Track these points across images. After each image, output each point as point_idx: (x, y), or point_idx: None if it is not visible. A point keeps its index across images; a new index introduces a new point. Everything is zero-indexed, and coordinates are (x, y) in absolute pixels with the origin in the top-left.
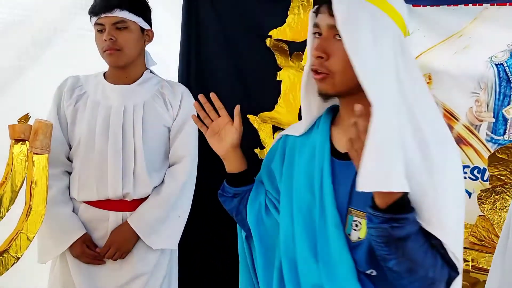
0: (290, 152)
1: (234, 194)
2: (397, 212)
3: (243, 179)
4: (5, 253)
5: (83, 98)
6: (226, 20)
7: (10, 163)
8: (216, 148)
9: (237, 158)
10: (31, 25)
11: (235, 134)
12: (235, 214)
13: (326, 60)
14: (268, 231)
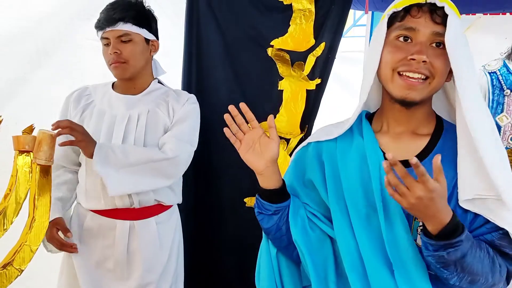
0: (330, 159)
1: (274, 211)
2: (450, 237)
3: (283, 194)
4: (9, 265)
5: (90, 107)
6: (228, 30)
7: (15, 174)
8: (253, 164)
9: (276, 172)
10: (36, 35)
11: (275, 146)
12: (274, 232)
13: (427, 64)
14: (314, 246)
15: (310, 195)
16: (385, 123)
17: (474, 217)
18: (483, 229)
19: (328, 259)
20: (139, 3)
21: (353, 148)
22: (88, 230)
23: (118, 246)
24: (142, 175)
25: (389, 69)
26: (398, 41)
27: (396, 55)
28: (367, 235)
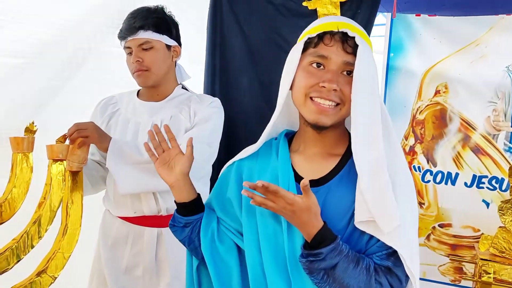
0: (249, 177)
1: (185, 224)
2: (313, 248)
3: (194, 207)
4: (43, 273)
5: (116, 115)
6: (251, 36)
7: (49, 182)
8: (165, 176)
9: (187, 186)
10: (66, 44)
11: (186, 162)
12: (187, 243)
13: (337, 92)
14: (222, 258)
15: (228, 212)
16: (302, 143)
17: (370, 237)
18: (375, 248)
19: (233, 270)
20: (159, 10)
21: (270, 167)
22: (117, 237)
23: (146, 254)
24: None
25: (302, 94)
26: (312, 67)
27: (309, 80)
28: (271, 251)
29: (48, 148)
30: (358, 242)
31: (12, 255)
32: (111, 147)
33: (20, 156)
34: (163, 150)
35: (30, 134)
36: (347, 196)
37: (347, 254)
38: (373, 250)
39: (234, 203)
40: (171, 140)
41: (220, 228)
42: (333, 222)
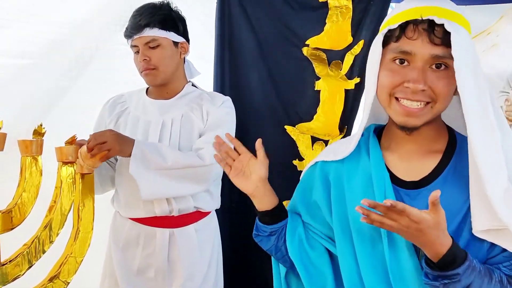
0: (337, 181)
1: (270, 232)
2: (446, 269)
3: (277, 215)
4: (55, 279)
5: (125, 114)
6: (260, 30)
7: (59, 185)
8: (243, 187)
9: (267, 193)
10: (73, 44)
11: (262, 167)
12: (274, 252)
13: (424, 90)
14: (314, 264)
15: (315, 216)
16: (393, 141)
17: (491, 245)
18: (500, 258)
19: (327, 277)
20: (165, 6)
21: (360, 168)
22: (128, 238)
23: (158, 255)
24: (177, 179)
25: (386, 94)
26: (394, 64)
27: (392, 79)
28: (369, 259)
29: (57, 150)
30: (479, 251)
31: (24, 261)
32: (135, 151)
33: (29, 160)
34: (233, 159)
35: (38, 137)
36: (455, 199)
37: (479, 270)
38: (499, 259)
39: (322, 206)
40: (238, 147)
41: (308, 233)
42: None
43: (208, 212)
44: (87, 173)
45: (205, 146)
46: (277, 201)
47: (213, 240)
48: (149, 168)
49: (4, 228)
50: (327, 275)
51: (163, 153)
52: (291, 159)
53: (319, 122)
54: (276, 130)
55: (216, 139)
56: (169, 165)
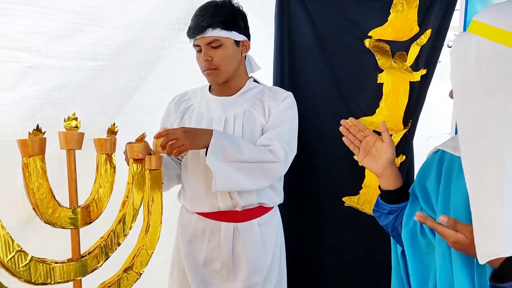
0: (447, 172)
1: (389, 211)
2: (498, 280)
3: (399, 195)
4: (129, 270)
5: (189, 111)
6: (320, 22)
7: (130, 181)
8: (372, 167)
9: (394, 174)
10: (141, 45)
11: (389, 149)
12: (390, 230)
13: None
14: (423, 251)
15: (427, 201)
16: None
17: None
18: None
19: (432, 267)
20: (227, 4)
21: None
22: (194, 232)
23: (223, 248)
24: (248, 173)
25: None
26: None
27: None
28: (462, 257)
29: (128, 147)
30: None
31: (101, 253)
32: (213, 142)
33: (104, 157)
34: (360, 141)
35: (112, 135)
36: None
37: None
38: None
39: (432, 194)
40: (364, 130)
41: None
42: None
43: (271, 207)
44: (155, 169)
45: (273, 143)
46: (401, 182)
47: (276, 234)
48: (225, 160)
49: (83, 222)
50: (432, 264)
51: (240, 146)
52: (352, 154)
53: (381, 116)
54: (337, 124)
55: (343, 123)
56: (245, 158)
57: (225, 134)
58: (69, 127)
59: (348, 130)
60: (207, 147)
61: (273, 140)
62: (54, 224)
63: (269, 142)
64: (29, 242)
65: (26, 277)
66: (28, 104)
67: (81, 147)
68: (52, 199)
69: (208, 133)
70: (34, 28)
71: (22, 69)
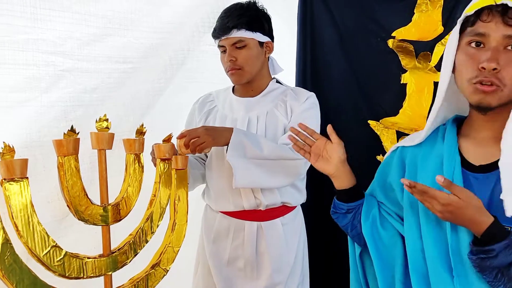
0: (411, 164)
1: (347, 210)
2: (483, 244)
3: (355, 194)
4: (156, 266)
5: (214, 112)
6: (343, 23)
7: (158, 181)
8: (325, 168)
9: (346, 173)
10: (167, 47)
11: (339, 148)
12: (349, 229)
13: (498, 72)
14: (385, 244)
15: (389, 196)
16: (471, 127)
17: None
18: None
19: (397, 258)
20: (252, 6)
21: (434, 152)
22: (219, 230)
23: (247, 247)
24: (269, 170)
25: (462, 77)
26: (470, 47)
27: (468, 67)
28: (433, 238)
29: (155, 148)
30: None
31: (130, 250)
32: (233, 139)
33: (133, 157)
34: (310, 145)
35: (140, 136)
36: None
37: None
38: None
39: (396, 188)
40: (312, 135)
41: (381, 213)
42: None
43: (294, 206)
44: (181, 169)
45: None
46: (354, 181)
47: (299, 233)
48: (245, 156)
49: (113, 220)
50: (397, 256)
51: (260, 143)
52: (374, 154)
53: (405, 117)
54: (360, 125)
55: (291, 130)
56: (264, 154)
57: (246, 131)
58: (100, 128)
59: (297, 137)
60: (227, 144)
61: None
62: (87, 221)
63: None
64: (63, 238)
65: (60, 271)
66: (62, 105)
67: (111, 147)
68: (85, 197)
69: (228, 130)
70: (68, 33)
71: (56, 73)
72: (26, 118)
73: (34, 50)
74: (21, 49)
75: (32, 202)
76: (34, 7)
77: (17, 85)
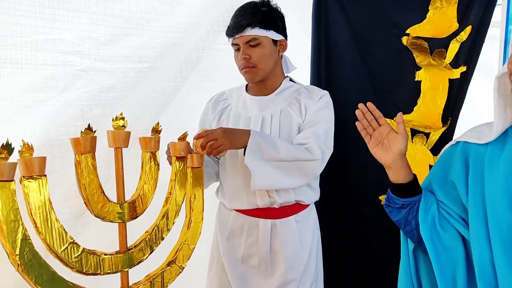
0: (477, 163)
1: (402, 205)
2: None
3: (411, 189)
4: (172, 263)
5: (227, 111)
6: (357, 21)
7: (173, 179)
8: (381, 157)
9: (404, 167)
10: (183, 47)
11: (402, 140)
12: (403, 225)
13: None
14: (444, 245)
15: (449, 194)
16: None
17: None
18: None
19: (458, 260)
20: (266, 4)
21: (504, 154)
22: (233, 228)
23: (261, 244)
24: (286, 172)
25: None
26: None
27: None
28: (504, 245)
29: (171, 146)
30: None
31: (146, 247)
32: (251, 142)
33: (149, 155)
34: (374, 129)
35: (156, 134)
36: None
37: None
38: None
39: (459, 186)
40: (379, 119)
41: (441, 213)
42: None
43: (308, 204)
44: (196, 167)
45: (309, 141)
46: (412, 176)
47: (313, 231)
48: (263, 159)
49: (130, 217)
50: (459, 259)
51: (277, 145)
52: None
53: (419, 114)
54: None
55: (360, 107)
56: (281, 156)
57: (262, 133)
58: (116, 126)
59: (364, 115)
60: (245, 147)
61: (309, 139)
62: (104, 218)
63: (306, 141)
64: (80, 235)
65: (78, 267)
66: (79, 104)
67: (127, 145)
68: (102, 194)
69: (245, 133)
70: (86, 33)
71: (74, 72)
72: (44, 117)
73: (52, 50)
74: (39, 49)
75: (50, 199)
76: (53, 8)
77: (36, 84)
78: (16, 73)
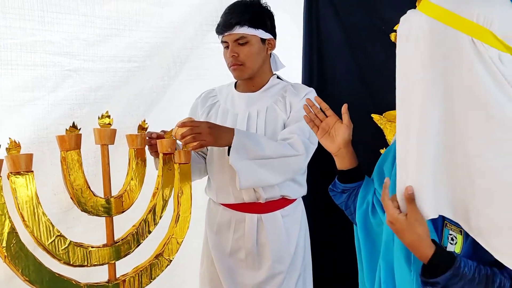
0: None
1: (342, 190)
2: (427, 275)
3: (353, 176)
4: (160, 256)
5: (215, 107)
6: (348, 18)
7: (160, 174)
8: (328, 146)
9: (348, 155)
10: (171, 46)
11: (346, 130)
12: (344, 208)
13: None
14: (374, 230)
15: (381, 182)
16: None
17: None
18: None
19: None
20: (255, 4)
21: None
22: (221, 223)
23: (248, 238)
24: (270, 168)
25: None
26: None
27: None
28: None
29: (158, 143)
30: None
31: (133, 240)
32: (235, 142)
33: (135, 152)
34: (321, 120)
35: (142, 132)
36: None
37: (472, 277)
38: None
39: (387, 175)
40: (326, 110)
41: (374, 200)
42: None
43: (294, 199)
44: (184, 163)
45: (293, 136)
46: (356, 164)
47: (300, 225)
48: (248, 157)
49: (116, 211)
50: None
51: (261, 143)
52: (378, 148)
53: None
54: (363, 119)
55: (307, 101)
56: (266, 154)
57: (246, 132)
58: (102, 124)
59: (311, 108)
60: (229, 145)
61: (293, 134)
62: (90, 212)
63: (290, 136)
64: (71, 228)
65: (65, 259)
66: (68, 104)
67: (113, 142)
68: (87, 189)
69: (230, 132)
70: (74, 35)
71: (63, 72)
72: (35, 116)
73: (42, 52)
74: (29, 51)
75: (37, 194)
76: (42, 10)
77: (26, 84)
78: (6, 73)
